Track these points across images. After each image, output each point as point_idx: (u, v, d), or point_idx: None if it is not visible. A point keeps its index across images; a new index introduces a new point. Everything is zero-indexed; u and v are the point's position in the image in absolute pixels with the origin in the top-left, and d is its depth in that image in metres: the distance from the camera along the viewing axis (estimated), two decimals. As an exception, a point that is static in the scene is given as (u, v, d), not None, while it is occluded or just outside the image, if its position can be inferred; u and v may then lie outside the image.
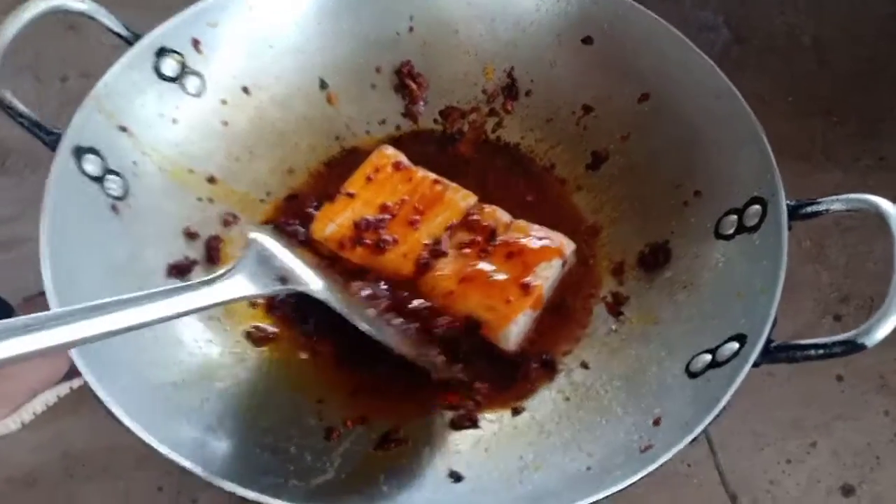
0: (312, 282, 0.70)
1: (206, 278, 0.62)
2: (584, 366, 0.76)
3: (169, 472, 1.23)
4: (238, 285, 0.63)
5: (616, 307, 0.79)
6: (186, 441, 0.62)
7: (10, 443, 1.26)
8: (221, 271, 0.63)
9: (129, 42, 0.79)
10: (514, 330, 0.75)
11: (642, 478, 0.58)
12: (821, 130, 1.72)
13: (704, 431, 0.60)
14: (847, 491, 1.26)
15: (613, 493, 0.57)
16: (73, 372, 1.27)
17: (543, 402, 0.74)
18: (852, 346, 0.60)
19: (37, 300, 1.27)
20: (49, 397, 1.27)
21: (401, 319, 0.76)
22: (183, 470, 0.57)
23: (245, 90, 0.86)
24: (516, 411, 0.73)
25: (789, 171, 1.65)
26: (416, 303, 0.77)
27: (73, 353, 0.61)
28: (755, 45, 1.95)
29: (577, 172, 0.88)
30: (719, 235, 0.75)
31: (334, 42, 0.90)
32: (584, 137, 0.88)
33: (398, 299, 0.77)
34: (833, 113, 1.73)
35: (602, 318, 0.79)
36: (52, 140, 0.72)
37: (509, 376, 0.75)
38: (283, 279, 0.67)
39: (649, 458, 0.59)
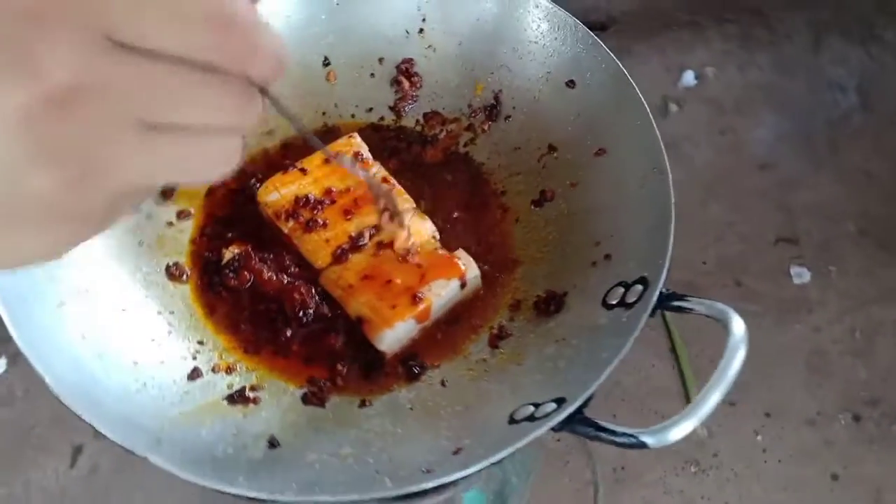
0: None
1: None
2: (442, 384, 0.79)
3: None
4: None
5: (497, 340, 0.81)
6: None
7: None
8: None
9: None
10: (390, 335, 0.78)
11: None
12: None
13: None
14: None
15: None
16: None
17: (392, 404, 0.77)
18: (637, 443, 0.62)
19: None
20: None
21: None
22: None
23: (252, 51, 0.94)
24: (363, 404, 0.77)
25: (868, 258, 1.60)
26: None
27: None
28: (880, 118, 1.85)
29: (523, 206, 0.90)
30: (604, 304, 0.76)
31: (348, 26, 0.95)
32: (541, 174, 0.90)
33: None
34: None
35: (481, 346, 0.82)
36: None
37: (375, 369, 0.80)
38: None
39: (432, 477, 0.64)
